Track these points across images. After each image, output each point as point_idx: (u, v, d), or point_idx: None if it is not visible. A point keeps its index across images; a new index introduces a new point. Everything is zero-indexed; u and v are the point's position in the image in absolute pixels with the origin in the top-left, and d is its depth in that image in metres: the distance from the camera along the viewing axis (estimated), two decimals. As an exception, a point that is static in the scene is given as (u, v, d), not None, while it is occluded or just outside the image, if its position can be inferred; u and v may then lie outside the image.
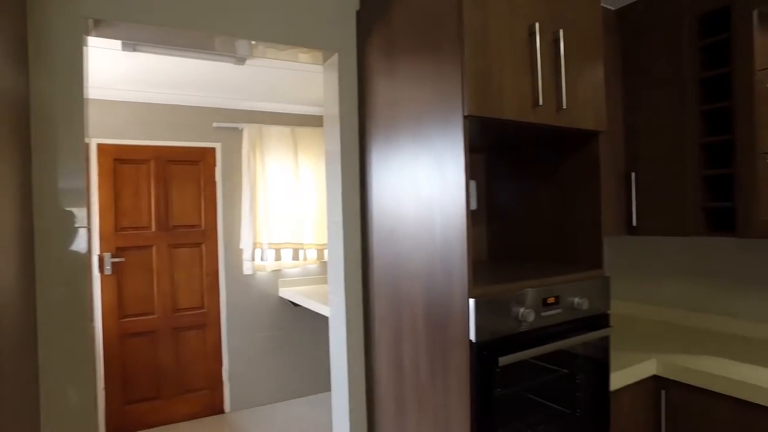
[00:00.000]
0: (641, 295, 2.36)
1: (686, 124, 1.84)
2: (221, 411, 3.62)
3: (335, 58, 1.73)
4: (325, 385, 3.98)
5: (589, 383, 1.50)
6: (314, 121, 3.96)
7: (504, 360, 1.20)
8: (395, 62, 1.49)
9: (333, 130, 1.76)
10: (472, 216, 1.91)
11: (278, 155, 3.70)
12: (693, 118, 1.83)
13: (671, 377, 1.66)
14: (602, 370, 1.53)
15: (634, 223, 1.97)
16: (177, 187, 3.49)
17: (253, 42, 1.57)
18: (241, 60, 2.60)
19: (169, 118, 3.45)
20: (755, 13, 1.67)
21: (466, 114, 1.21)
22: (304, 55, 1.77)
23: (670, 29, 1.89)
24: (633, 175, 1.98)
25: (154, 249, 3.41)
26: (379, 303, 1.62)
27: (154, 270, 3.42)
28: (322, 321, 3.96)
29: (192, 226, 3.54)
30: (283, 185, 3.71)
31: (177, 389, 3.49)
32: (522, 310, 1.28)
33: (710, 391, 1.57)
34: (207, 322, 3.58)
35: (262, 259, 3.64)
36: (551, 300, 1.35)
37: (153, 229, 3.40)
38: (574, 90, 1.42)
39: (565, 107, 1.36)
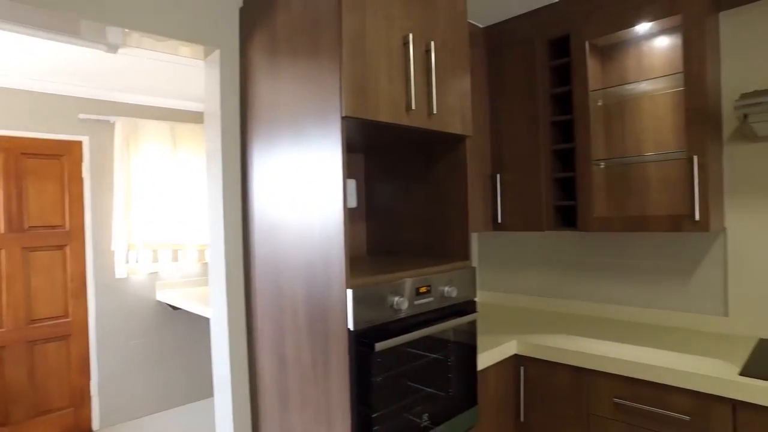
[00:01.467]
0: (506, 285, 2.63)
1: (540, 133, 2.10)
2: (88, 430, 3.32)
3: (216, 54, 1.71)
4: (208, 391, 3.84)
5: (459, 365, 1.65)
6: (195, 118, 3.80)
7: (380, 346, 1.29)
8: (278, 62, 1.52)
9: (214, 127, 1.74)
10: (353, 214, 2.00)
11: (156, 152, 3.50)
12: (546, 128, 2.10)
13: (528, 354, 1.89)
14: (471, 352, 1.69)
15: (499, 219, 2.20)
16: (34, 184, 3.14)
17: (126, 30, 1.50)
18: (113, 47, 2.44)
19: (24, 106, 3.10)
20: (587, 44, 1.96)
21: (343, 115, 1.28)
22: (185, 49, 1.72)
23: (527, 49, 2.14)
24: (498, 177, 2.21)
25: (2, 253, 3.04)
26: (261, 299, 1.63)
27: (2, 277, 3.04)
28: (203, 324, 3.82)
29: (53, 227, 3.21)
30: (161, 183, 3.52)
31: (31, 411, 3.13)
32: (397, 299, 1.38)
33: (555, 362, 1.82)
34: (71, 332, 3.27)
35: (137, 261, 3.42)
36: (424, 289, 1.47)
37: (1, 230, 3.03)
38: (443, 97, 1.57)
39: (435, 112, 1.50)
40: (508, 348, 1.90)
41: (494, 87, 2.25)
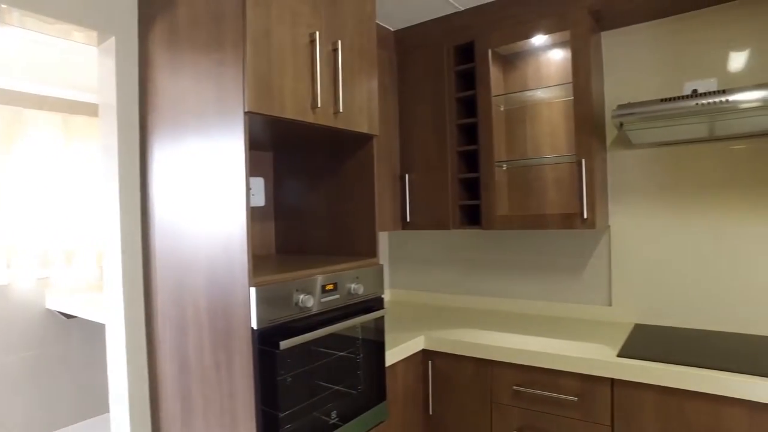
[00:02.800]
0: (417, 283, 2.71)
1: (447, 135, 2.19)
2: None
3: (112, 41, 1.61)
4: (104, 406, 3.57)
5: (368, 362, 1.68)
6: (91, 110, 3.53)
7: (285, 344, 1.28)
8: (179, 54, 1.46)
9: (109, 121, 1.63)
10: (261, 212, 1.96)
11: (45, 146, 3.21)
12: (452, 130, 2.19)
13: (435, 349, 1.96)
14: (379, 348, 1.72)
15: (408, 219, 2.26)
16: None
17: (4, 6, 1.37)
18: (-10, 30, 2.21)
19: None
20: (490, 52, 2.08)
21: (246, 110, 1.26)
22: (78, 34, 1.60)
23: (434, 54, 2.22)
24: (407, 177, 2.27)
25: None
26: (162, 301, 1.55)
27: None
28: (101, 332, 3.55)
29: None
30: (52, 181, 3.23)
31: None
32: (302, 297, 1.37)
33: (461, 355, 1.91)
34: (-59, 346, 2.90)
35: (21, 266, 3.10)
36: (330, 287, 1.48)
37: None
38: (350, 96, 1.58)
39: (341, 111, 1.51)
40: (417, 343, 1.95)
41: (404, 89, 2.31)
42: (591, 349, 1.72)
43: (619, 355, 1.62)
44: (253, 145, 1.84)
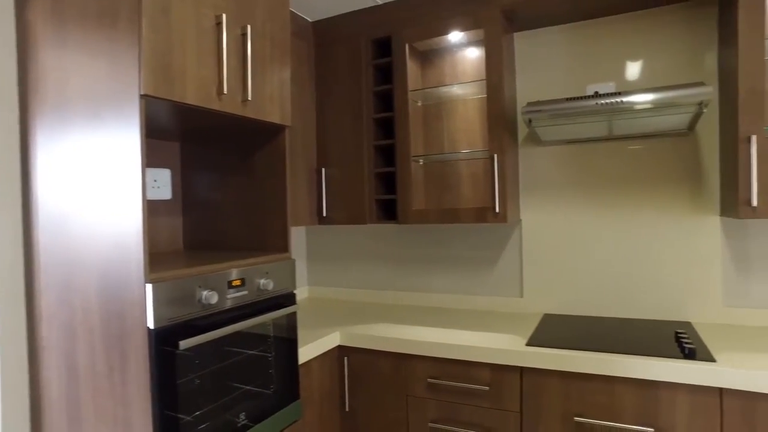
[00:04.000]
0: (335, 279, 2.67)
1: (364, 129, 2.17)
2: None
3: (-15, 12, 1.43)
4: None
5: (280, 360, 1.62)
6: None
7: (185, 344, 1.20)
8: (66, 30, 1.32)
9: (-17, 100, 1.45)
10: (167, 206, 1.84)
11: None
12: (369, 124, 2.17)
13: (351, 345, 1.93)
14: (291, 346, 1.67)
15: (324, 213, 2.22)
16: None
17: None
18: None
19: None
20: (407, 47, 2.09)
21: (142, 93, 1.16)
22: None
23: (352, 47, 2.20)
24: (324, 170, 2.23)
25: None
26: (47, 302, 1.40)
27: None
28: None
29: None
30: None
31: None
32: (206, 293, 1.30)
33: (377, 350, 1.90)
34: None
35: None
36: (237, 282, 1.41)
37: None
38: (261, 84, 1.52)
39: (250, 99, 1.44)
40: (332, 339, 1.92)
41: (321, 81, 2.26)
42: (502, 339, 1.77)
43: (527, 345, 1.68)
44: (155, 134, 1.72)
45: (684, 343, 1.57)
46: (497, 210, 1.90)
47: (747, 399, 1.40)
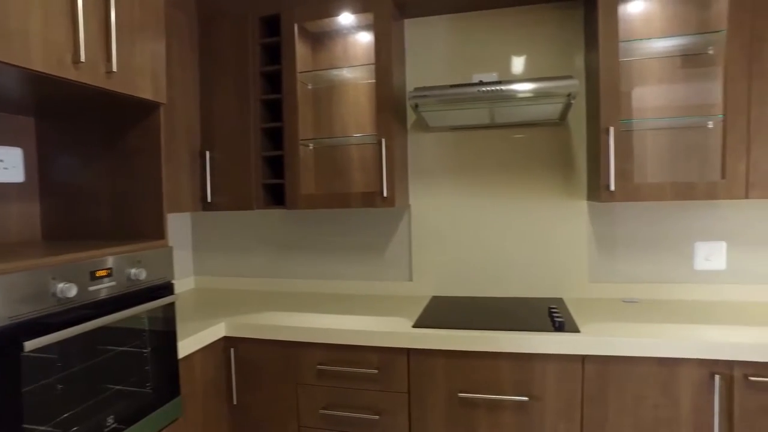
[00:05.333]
0: (225, 268, 2.55)
1: (251, 111, 2.07)
2: None
3: None
4: None
5: (157, 355, 1.50)
6: None
7: (32, 345, 1.06)
8: None
9: None
10: (19, 190, 1.62)
11: None
12: (256, 106, 2.08)
13: (238, 335, 1.85)
14: (170, 339, 1.56)
15: (209, 199, 2.09)
16: None
17: None
18: None
19: None
20: (296, 27, 2.02)
21: (-30, 53, 0.99)
22: None
23: (239, 24, 2.08)
24: (208, 154, 2.10)
25: None
26: None
27: None
28: None
29: None
30: None
31: None
32: (62, 286, 1.16)
33: (266, 339, 1.83)
34: None
35: None
36: (102, 273, 1.28)
37: None
38: (128, 55, 1.38)
39: (115, 70, 1.30)
40: (217, 330, 1.82)
41: (205, 58, 2.12)
42: (390, 323, 1.80)
43: (414, 327, 1.72)
44: (1, 106, 1.49)
45: (555, 318, 1.70)
46: (385, 194, 1.91)
47: (603, 363, 1.55)
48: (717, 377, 1.47)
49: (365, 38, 2.24)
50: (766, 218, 1.96)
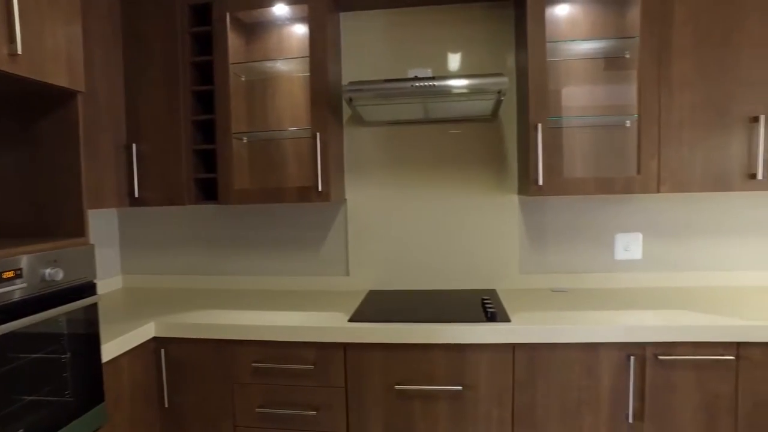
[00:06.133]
0: (155, 267, 2.44)
1: (181, 102, 1.98)
2: None
3: None
4: None
5: (78, 361, 1.42)
6: None
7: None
8: None
9: None
10: None
11: None
12: (186, 97, 2.00)
13: (169, 335, 1.78)
14: (92, 342, 1.47)
15: (137, 194, 2.00)
16: None
17: None
18: None
19: None
20: (228, 16, 1.95)
21: None
22: None
23: (167, 10, 1.98)
24: (134, 146, 1.99)
25: None
26: None
27: None
28: None
29: None
30: None
31: None
32: (-37, 288, 1.06)
33: (199, 339, 1.77)
34: None
35: None
36: (9, 274, 1.18)
37: None
38: (37, 37, 1.28)
39: (21, 53, 1.20)
40: (146, 331, 1.74)
41: (130, 45, 2.01)
42: (326, 318, 1.79)
43: (350, 321, 1.72)
44: None
45: (487, 309, 1.75)
46: (320, 189, 1.89)
47: (532, 350, 1.62)
48: (632, 358, 1.58)
49: (300, 30, 2.20)
50: (676, 211, 2.12)
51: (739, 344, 1.56)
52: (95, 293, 1.47)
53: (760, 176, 1.75)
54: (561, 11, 2.06)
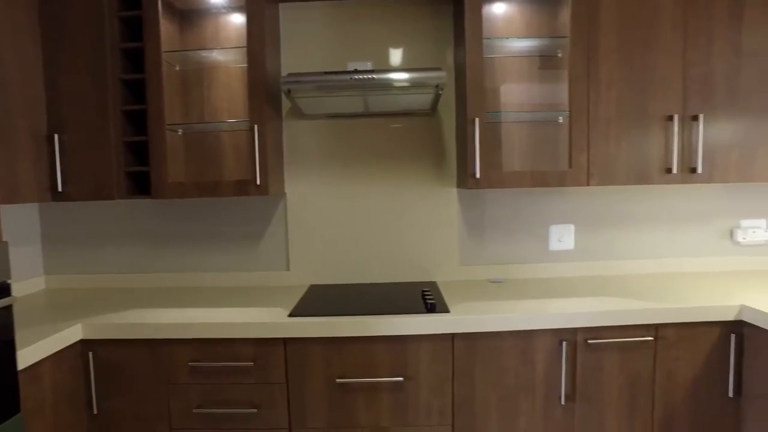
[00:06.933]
0: (83, 266, 2.30)
1: (109, 91, 1.88)
2: None
3: None
4: None
5: (-8, 367, 1.31)
6: None
7: None
8: None
9: None
10: None
11: None
12: (115, 85, 1.89)
13: (98, 337, 1.68)
14: (6, 348, 1.36)
15: (60, 188, 1.87)
16: None
17: None
18: None
19: None
20: (160, 1, 1.86)
21: None
22: None
23: (91, -8, 1.87)
24: (56, 137, 1.87)
25: None
26: None
27: None
28: None
29: None
30: None
31: None
32: None
33: (131, 339, 1.69)
34: None
35: None
36: None
37: None
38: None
39: None
40: (71, 334, 1.64)
41: (50, 29, 1.87)
42: (266, 313, 1.75)
43: (290, 315, 1.70)
44: None
45: (427, 300, 1.78)
46: (259, 182, 1.85)
47: (470, 339, 1.67)
48: (564, 343, 1.65)
49: (238, 20, 2.14)
50: (604, 204, 2.24)
51: (657, 326, 1.67)
52: (9, 294, 1.36)
53: (675, 171, 1.88)
54: (498, 9, 2.12)
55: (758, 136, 1.90)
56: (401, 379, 1.67)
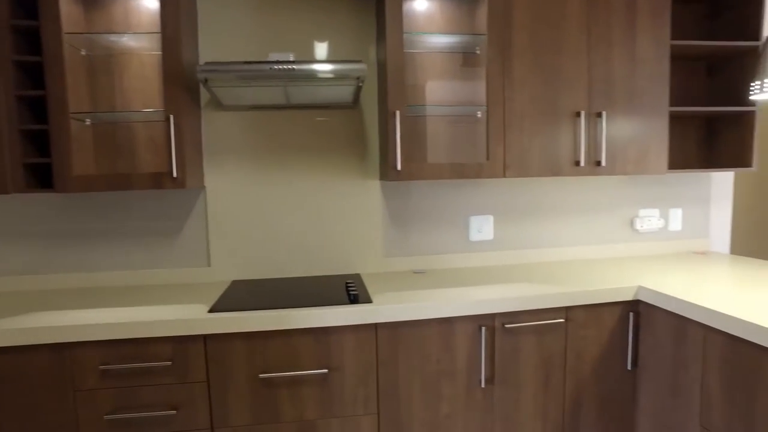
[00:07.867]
0: (-26, 268, 2.10)
1: (1, 74, 1.72)
2: None
3: None
4: None
5: None
6: None
7: None
8: None
9: None
10: None
11: None
12: (7, 68, 1.73)
13: (-8, 344, 1.54)
14: None
15: (-55, 181, 1.69)
16: None
17: None
18: None
19: None
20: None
21: None
22: None
23: (-22, -35, 1.70)
24: (-61, 125, 1.68)
25: None
26: None
27: None
28: None
29: None
30: None
31: None
32: None
33: (29, 345, 1.56)
34: None
35: None
36: None
37: None
38: None
39: None
40: (-40, 341, 1.49)
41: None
42: (184, 310, 1.69)
43: (210, 311, 1.65)
44: None
45: (350, 291, 1.79)
46: (175, 175, 1.78)
47: (393, 329, 1.70)
48: (483, 328, 1.72)
49: (151, 3, 2.03)
50: (521, 195, 2.36)
51: (567, 308, 1.79)
52: None
53: (582, 163, 2.01)
54: (419, 6, 2.16)
55: (650, 133, 2.08)
56: (326, 371, 1.66)
